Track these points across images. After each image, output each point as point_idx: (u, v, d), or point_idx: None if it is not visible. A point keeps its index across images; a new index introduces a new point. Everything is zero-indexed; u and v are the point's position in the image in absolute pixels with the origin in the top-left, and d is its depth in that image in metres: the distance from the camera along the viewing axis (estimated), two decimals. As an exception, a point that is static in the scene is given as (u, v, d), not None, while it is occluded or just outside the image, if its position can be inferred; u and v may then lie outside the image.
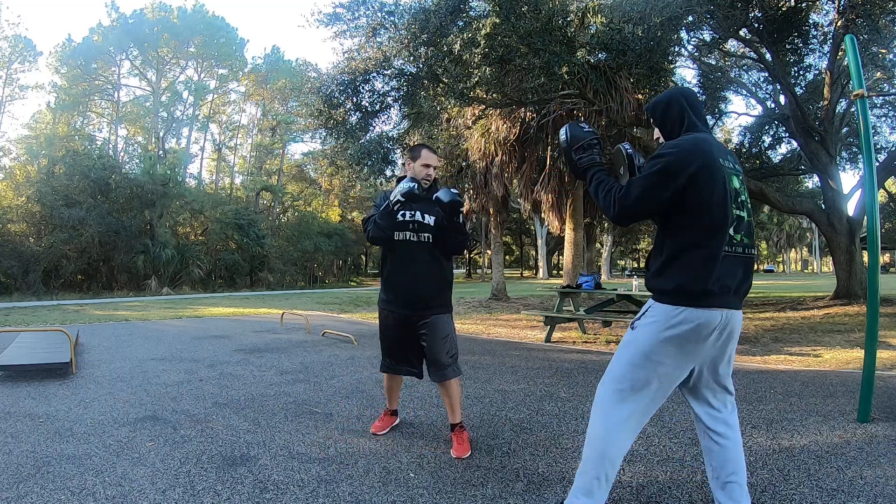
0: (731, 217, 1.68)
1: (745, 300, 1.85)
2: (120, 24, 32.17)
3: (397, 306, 2.68)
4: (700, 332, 1.67)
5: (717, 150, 1.73)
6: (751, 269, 1.77)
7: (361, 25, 9.19)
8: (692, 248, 1.67)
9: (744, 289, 1.76)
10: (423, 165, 2.69)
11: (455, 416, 2.68)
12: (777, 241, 54.91)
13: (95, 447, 2.63)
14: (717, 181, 1.66)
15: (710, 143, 1.74)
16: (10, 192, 23.47)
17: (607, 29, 7.37)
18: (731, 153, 1.81)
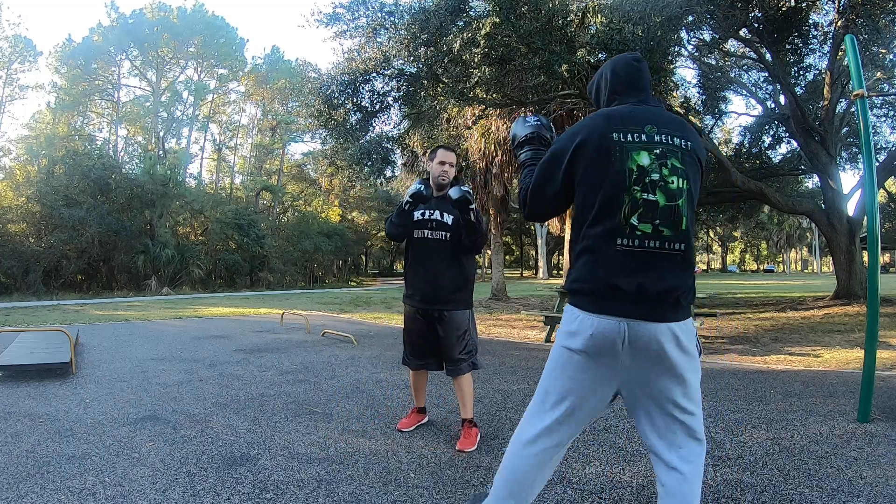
0: (627, 201, 1.36)
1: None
2: (120, 24, 32.18)
3: (416, 301, 2.79)
4: (597, 345, 1.39)
5: (624, 121, 1.43)
6: (670, 267, 1.36)
7: (361, 25, 9.19)
8: (580, 240, 1.44)
9: (656, 292, 1.35)
10: (439, 163, 2.78)
11: (466, 412, 2.73)
12: (777, 241, 54.91)
13: (95, 447, 2.63)
14: (606, 158, 1.39)
15: (618, 114, 1.46)
16: (10, 192, 23.46)
17: (607, 29, 7.38)
18: (667, 124, 1.44)
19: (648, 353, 1.38)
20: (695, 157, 1.44)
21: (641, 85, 1.54)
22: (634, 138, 1.40)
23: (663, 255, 1.36)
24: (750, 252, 73.19)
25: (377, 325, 8.92)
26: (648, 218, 1.36)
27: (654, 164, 1.38)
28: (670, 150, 1.40)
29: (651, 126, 1.42)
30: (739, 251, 73.65)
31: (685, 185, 1.40)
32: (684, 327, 1.40)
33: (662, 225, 1.36)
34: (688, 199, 1.40)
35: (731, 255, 71.04)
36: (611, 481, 2.20)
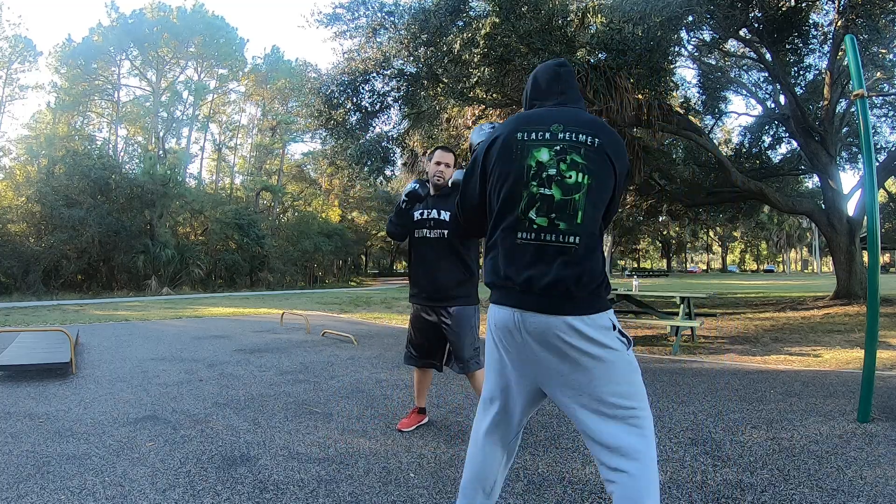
0: (525, 196, 1.43)
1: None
2: (120, 24, 32.18)
3: (422, 299, 2.82)
4: (501, 335, 1.48)
5: (531, 122, 1.50)
6: (566, 259, 1.39)
7: (361, 26, 9.20)
8: (491, 236, 1.53)
9: (544, 284, 1.39)
10: (435, 163, 2.82)
11: None
12: (777, 241, 54.92)
13: (95, 447, 2.63)
14: (509, 156, 1.47)
15: (528, 116, 1.53)
16: (10, 192, 23.46)
17: (607, 29, 7.38)
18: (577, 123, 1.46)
19: (549, 346, 1.41)
20: (603, 153, 1.44)
21: (559, 89, 1.58)
22: (537, 136, 1.46)
23: (558, 247, 1.40)
24: (750, 252, 73.20)
25: (377, 325, 8.92)
26: (544, 211, 1.42)
27: (552, 159, 1.43)
28: (572, 146, 1.43)
29: (558, 125, 1.46)
30: (739, 251, 73.67)
31: (585, 180, 1.42)
32: (588, 321, 1.39)
33: (558, 218, 1.41)
34: (587, 194, 1.42)
35: (731, 255, 71.05)
36: (611, 481, 2.20)
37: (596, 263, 1.42)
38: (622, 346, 1.44)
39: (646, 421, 1.45)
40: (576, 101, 1.58)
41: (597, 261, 1.42)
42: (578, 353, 1.39)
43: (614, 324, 1.44)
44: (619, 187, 1.50)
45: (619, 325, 1.46)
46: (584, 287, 1.39)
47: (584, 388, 1.42)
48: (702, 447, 2.60)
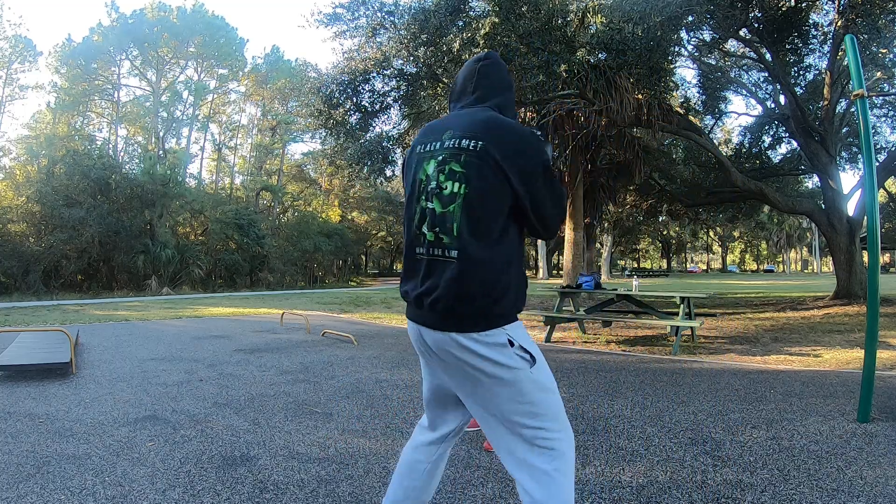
0: (418, 210, 1.40)
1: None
2: (120, 24, 32.17)
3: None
4: (416, 346, 1.49)
5: (429, 132, 1.48)
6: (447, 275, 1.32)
7: (361, 26, 9.21)
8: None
9: (429, 301, 1.35)
10: None
11: None
12: (777, 241, 54.92)
13: (95, 447, 2.63)
14: (410, 171, 1.47)
15: (431, 125, 1.51)
16: (10, 192, 23.46)
17: (607, 29, 7.39)
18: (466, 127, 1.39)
19: (448, 361, 1.38)
20: (485, 156, 1.33)
21: (472, 88, 1.50)
22: (429, 148, 1.43)
23: (442, 262, 1.35)
24: (750, 252, 73.20)
25: (377, 325, 8.92)
26: (430, 226, 1.37)
27: (435, 171, 1.38)
28: (453, 154, 1.37)
29: (449, 132, 1.41)
30: (739, 251, 73.66)
31: (461, 190, 1.34)
32: (478, 338, 1.32)
33: (441, 232, 1.35)
34: (464, 204, 1.33)
35: (731, 255, 71.05)
36: (611, 481, 2.20)
37: (484, 277, 1.31)
38: (523, 364, 1.35)
39: (557, 443, 1.38)
40: (488, 98, 1.48)
41: (486, 274, 1.31)
42: (473, 370, 1.34)
43: (512, 340, 1.34)
44: (529, 186, 1.34)
45: (524, 342, 1.36)
46: (468, 303, 1.31)
47: (488, 404, 1.38)
48: (702, 447, 2.60)
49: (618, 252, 54.48)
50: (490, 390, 1.36)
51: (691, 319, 5.86)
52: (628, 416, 3.15)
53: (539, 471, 1.34)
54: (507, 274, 1.35)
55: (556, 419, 1.40)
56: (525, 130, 1.40)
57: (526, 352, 1.36)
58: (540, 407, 1.37)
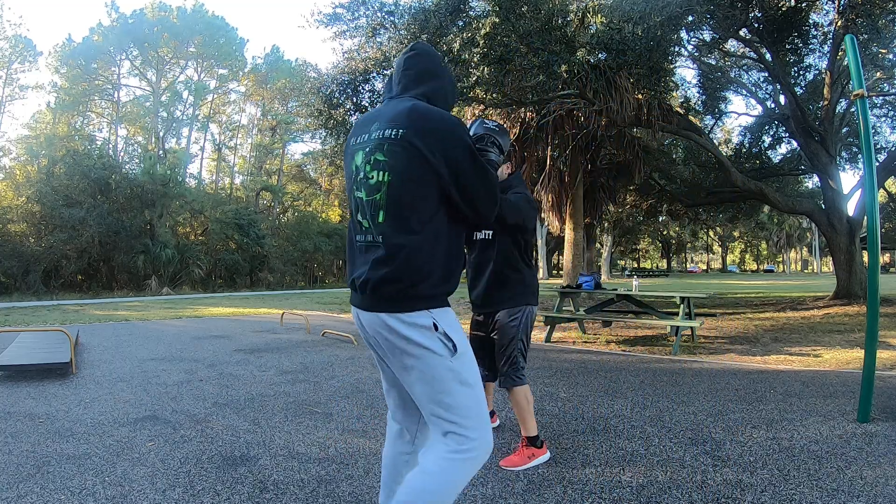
0: (353, 200, 1.48)
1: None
2: (120, 24, 32.17)
3: (475, 305, 2.72)
4: (360, 332, 1.54)
5: (360, 124, 1.53)
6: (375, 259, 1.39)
7: (361, 25, 9.20)
8: None
9: (361, 283, 1.42)
10: None
11: (524, 429, 2.50)
12: (777, 241, 54.92)
13: (95, 447, 2.63)
14: (345, 162, 1.55)
15: (360, 119, 1.57)
16: (10, 192, 23.45)
17: (607, 29, 7.39)
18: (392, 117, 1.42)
19: (379, 343, 1.45)
20: (407, 144, 1.37)
21: (400, 78, 1.54)
22: (359, 139, 1.49)
23: (371, 246, 1.43)
24: (750, 252, 73.20)
25: (377, 325, 8.91)
26: (363, 214, 1.45)
27: (363, 162, 1.44)
28: (378, 144, 1.41)
29: (376, 123, 1.45)
30: (739, 251, 73.66)
31: (385, 178, 1.39)
32: (404, 318, 1.38)
33: (370, 219, 1.43)
34: (388, 192, 1.39)
35: (731, 255, 71.04)
36: (611, 481, 2.20)
37: (408, 260, 1.36)
38: (443, 350, 1.38)
39: (468, 442, 1.38)
40: (412, 88, 1.51)
41: (410, 257, 1.36)
42: (399, 352, 1.40)
43: (437, 324, 1.39)
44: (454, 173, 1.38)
45: (449, 328, 1.40)
46: (392, 284, 1.37)
47: (413, 387, 1.43)
48: (702, 447, 2.60)
49: (618, 252, 54.48)
50: (412, 372, 1.41)
51: (691, 319, 5.86)
52: (628, 416, 3.15)
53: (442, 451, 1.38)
54: (433, 257, 1.39)
55: (471, 416, 1.40)
56: (446, 117, 1.42)
57: (449, 339, 1.39)
58: (456, 399, 1.39)
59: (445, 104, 1.55)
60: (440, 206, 1.40)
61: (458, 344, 1.40)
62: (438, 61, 1.59)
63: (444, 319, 1.41)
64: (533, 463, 2.40)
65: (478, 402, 1.43)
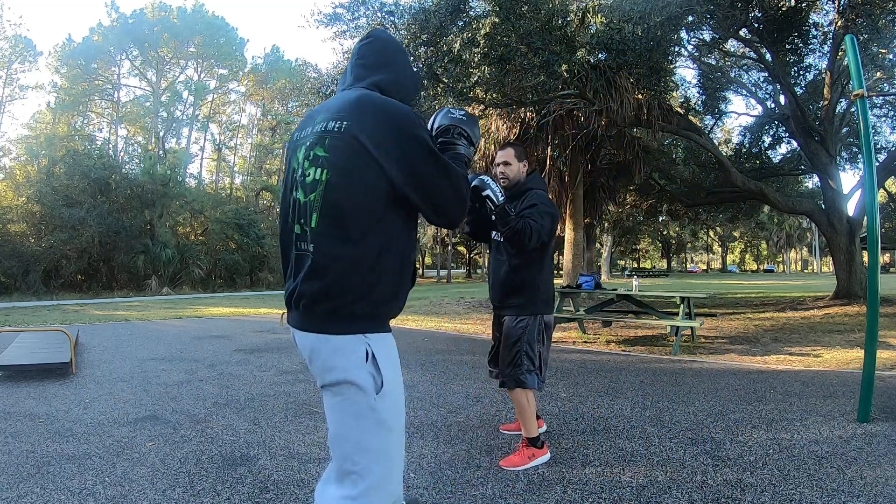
0: (291, 202, 1.27)
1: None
2: (120, 24, 32.19)
3: (492, 305, 2.70)
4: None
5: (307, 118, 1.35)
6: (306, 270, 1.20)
7: (361, 26, 9.20)
8: None
9: (291, 298, 1.24)
10: (496, 165, 2.62)
11: (525, 430, 2.45)
12: (777, 241, 54.92)
13: (95, 447, 2.63)
14: (288, 160, 1.35)
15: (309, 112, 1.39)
16: (10, 192, 23.46)
17: (607, 29, 7.39)
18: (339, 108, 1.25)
19: (316, 364, 1.24)
20: (350, 138, 1.18)
21: (349, 70, 1.40)
22: (303, 134, 1.31)
23: (303, 256, 1.23)
24: (750, 252, 73.19)
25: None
26: (297, 218, 1.25)
27: (303, 158, 1.25)
28: (319, 138, 1.23)
29: (322, 115, 1.28)
30: (739, 251, 73.65)
31: (323, 176, 1.20)
32: (334, 342, 1.19)
33: (305, 224, 1.22)
34: (324, 192, 1.19)
35: (731, 255, 71.04)
36: (611, 481, 2.20)
37: (343, 272, 1.17)
38: (369, 386, 1.19)
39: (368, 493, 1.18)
40: (364, 77, 1.35)
41: (346, 269, 1.17)
42: (325, 378, 1.22)
43: (370, 354, 1.19)
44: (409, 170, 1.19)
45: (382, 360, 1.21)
46: (325, 302, 1.18)
47: (329, 417, 1.23)
48: (702, 447, 2.60)
49: (618, 252, 54.48)
50: (332, 401, 1.23)
51: (691, 319, 5.86)
52: (628, 416, 3.15)
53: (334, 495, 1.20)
54: (375, 270, 1.19)
55: (379, 462, 1.22)
56: (397, 108, 1.24)
57: (379, 373, 1.20)
58: (369, 440, 1.21)
59: (403, 96, 1.39)
60: (388, 212, 1.20)
61: (385, 380, 1.21)
62: (396, 50, 1.43)
63: (381, 348, 1.22)
64: (533, 463, 2.38)
65: (392, 449, 1.24)
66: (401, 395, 1.28)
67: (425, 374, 4.51)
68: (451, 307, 12.64)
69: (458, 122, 1.47)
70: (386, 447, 1.23)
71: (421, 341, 6.79)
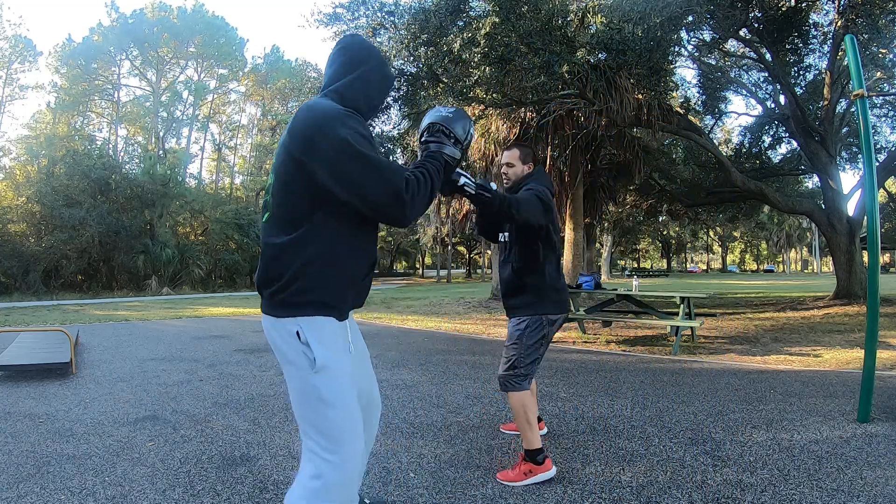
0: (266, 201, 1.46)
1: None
2: (120, 24, 32.19)
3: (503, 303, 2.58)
4: None
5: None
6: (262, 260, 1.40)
7: (361, 25, 9.21)
8: None
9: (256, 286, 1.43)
10: (500, 166, 2.54)
11: (523, 440, 2.29)
12: (777, 241, 54.93)
13: (95, 447, 2.63)
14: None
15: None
16: (10, 192, 23.47)
17: (607, 29, 7.39)
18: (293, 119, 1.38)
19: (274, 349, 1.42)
20: (284, 146, 1.36)
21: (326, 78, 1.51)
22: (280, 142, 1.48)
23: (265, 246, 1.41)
24: (750, 252, 73.20)
25: (377, 324, 8.92)
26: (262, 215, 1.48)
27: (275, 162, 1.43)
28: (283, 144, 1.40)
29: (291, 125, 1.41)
30: (739, 251, 73.66)
31: (272, 180, 1.42)
32: (277, 324, 1.36)
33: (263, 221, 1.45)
34: (274, 194, 1.39)
35: (731, 255, 71.05)
36: (611, 481, 2.20)
37: (278, 263, 1.34)
38: (305, 365, 1.32)
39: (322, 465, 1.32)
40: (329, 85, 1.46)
41: (281, 260, 1.34)
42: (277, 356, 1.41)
43: (300, 333, 1.32)
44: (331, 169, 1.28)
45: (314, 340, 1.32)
46: (266, 287, 1.37)
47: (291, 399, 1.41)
48: (702, 447, 2.60)
49: (618, 252, 54.48)
50: (288, 384, 1.39)
51: (691, 319, 5.86)
52: (628, 416, 3.15)
53: (302, 476, 1.35)
54: (303, 262, 1.32)
55: (331, 439, 1.33)
56: (320, 111, 1.33)
57: (311, 351, 1.32)
58: (317, 417, 1.34)
59: (365, 100, 1.46)
60: (318, 208, 1.32)
61: (319, 358, 1.31)
62: (359, 54, 1.48)
63: (312, 329, 1.33)
64: (529, 480, 2.18)
65: (338, 423, 1.34)
66: (342, 375, 1.38)
67: (425, 374, 4.51)
68: (451, 307, 12.64)
69: (441, 120, 1.52)
70: (329, 422, 1.34)
71: (421, 341, 6.79)
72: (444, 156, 1.48)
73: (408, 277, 52.79)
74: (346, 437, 1.35)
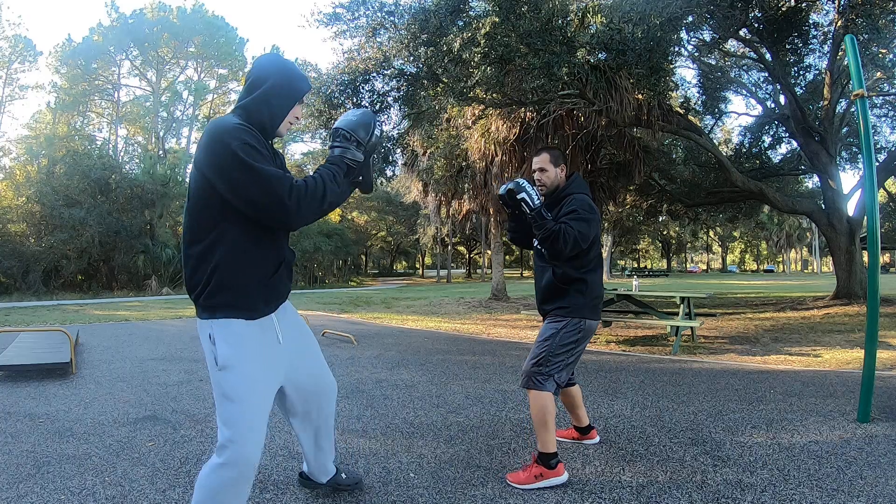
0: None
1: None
2: (120, 24, 32.17)
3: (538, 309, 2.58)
4: None
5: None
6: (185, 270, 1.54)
7: (361, 25, 9.19)
8: None
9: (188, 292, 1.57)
10: (532, 171, 2.50)
11: (538, 442, 2.24)
12: (777, 241, 54.93)
13: (95, 447, 2.63)
14: None
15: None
16: (10, 192, 23.46)
17: (607, 29, 7.38)
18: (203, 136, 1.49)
19: None
20: (195, 163, 1.49)
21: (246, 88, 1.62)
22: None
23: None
24: (750, 252, 73.21)
25: (377, 325, 8.92)
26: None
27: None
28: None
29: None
30: (739, 251, 73.67)
31: (188, 193, 1.52)
32: (200, 327, 1.54)
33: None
34: (186, 207, 1.52)
35: (731, 255, 71.06)
36: (611, 481, 2.20)
37: (191, 270, 1.49)
38: (211, 362, 1.51)
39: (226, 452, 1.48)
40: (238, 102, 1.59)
41: (192, 268, 1.49)
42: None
43: (211, 336, 1.50)
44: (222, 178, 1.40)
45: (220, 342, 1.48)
46: (192, 292, 1.51)
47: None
48: (702, 447, 2.60)
49: (618, 252, 54.48)
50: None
51: (691, 319, 5.86)
52: (628, 416, 3.15)
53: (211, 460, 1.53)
54: (211, 268, 1.46)
55: (232, 427, 1.49)
56: (219, 126, 1.45)
57: (216, 350, 1.49)
58: (221, 409, 1.51)
59: (267, 114, 1.57)
60: (223, 218, 1.45)
61: (222, 357, 1.47)
62: (265, 71, 1.59)
63: (220, 331, 1.49)
64: (539, 484, 2.13)
65: (237, 415, 1.48)
66: (246, 374, 1.51)
67: (425, 374, 4.51)
68: (451, 307, 12.64)
69: (345, 125, 1.64)
70: (230, 415, 1.49)
71: (421, 341, 6.79)
72: (345, 160, 1.61)
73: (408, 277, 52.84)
74: (242, 429, 1.49)
